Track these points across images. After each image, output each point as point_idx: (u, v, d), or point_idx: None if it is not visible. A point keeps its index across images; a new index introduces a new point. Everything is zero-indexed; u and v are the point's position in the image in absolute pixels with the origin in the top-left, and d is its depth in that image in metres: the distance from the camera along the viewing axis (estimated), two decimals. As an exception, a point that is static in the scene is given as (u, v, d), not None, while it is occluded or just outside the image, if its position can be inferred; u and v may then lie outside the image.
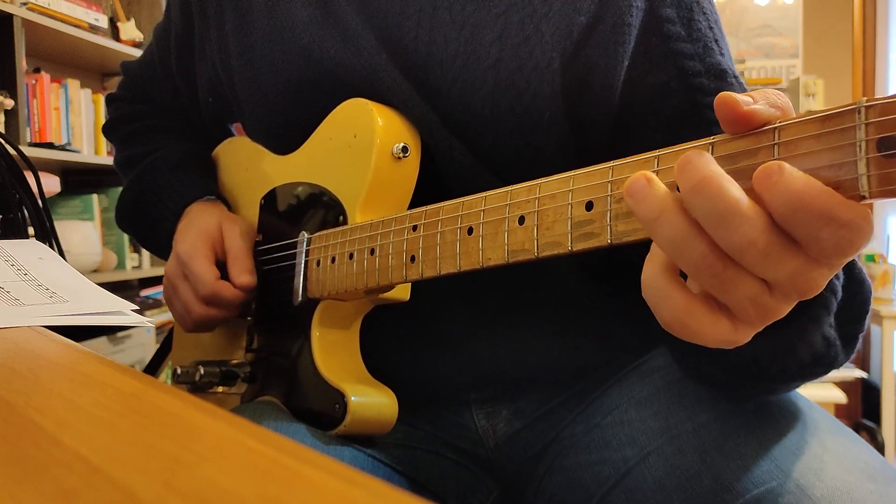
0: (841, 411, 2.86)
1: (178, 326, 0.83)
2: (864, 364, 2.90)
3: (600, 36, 0.57)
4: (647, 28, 0.57)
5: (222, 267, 0.69)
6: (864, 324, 0.48)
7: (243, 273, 0.67)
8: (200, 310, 0.67)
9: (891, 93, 0.32)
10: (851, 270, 0.47)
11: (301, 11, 0.64)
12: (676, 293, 0.35)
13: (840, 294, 0.45)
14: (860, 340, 0.49)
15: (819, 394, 2.44)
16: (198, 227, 0.70)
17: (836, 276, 0.44)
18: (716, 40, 0.57)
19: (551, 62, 0.57)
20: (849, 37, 3.14)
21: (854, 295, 0.47)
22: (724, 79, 0.55)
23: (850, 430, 0.54)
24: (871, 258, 2.68)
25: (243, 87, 0.70)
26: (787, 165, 0.31)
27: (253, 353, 0.70)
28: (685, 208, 0.33)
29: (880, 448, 2.40)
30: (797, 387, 0.54)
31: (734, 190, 0.32)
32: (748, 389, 0.53)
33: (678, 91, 0.56)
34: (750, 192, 0.32)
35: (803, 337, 0.45)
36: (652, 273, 0.36)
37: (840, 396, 2.49)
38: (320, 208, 0.64)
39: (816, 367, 0.48)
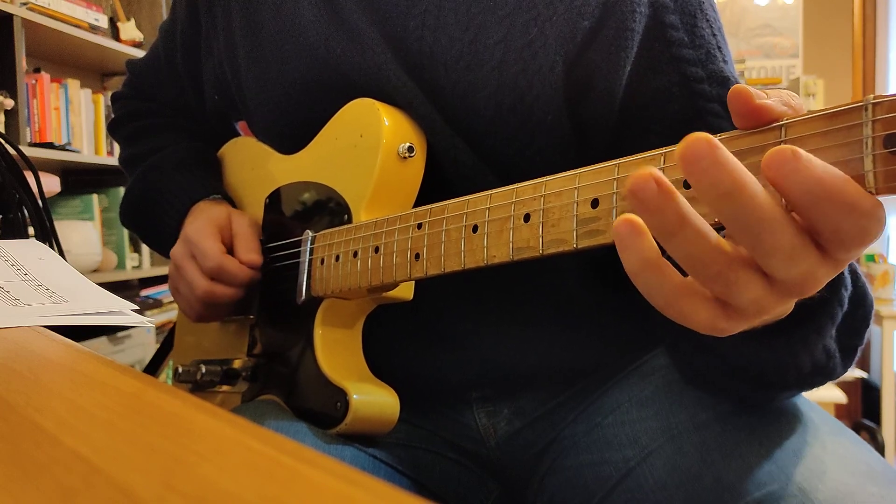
0: (841, 411, 2.86)
1: (182, 324, 0.83)
2: (864, 364, 2.90)
3: (603, 40, 0.57)
4: (650, 33, 0.57)
5: (230, 252, 0.69)
6: (863, 337, 0.48)
7: (250, 251, 0.68)
8: (205, 285, 0.67)
9: (891, 92, 0.31)
10: (856, 282, 0.47)
11: (308, 10, 0.65)
12: (670, 278, 0.33)
13: (846, 306, 0.45)
14: (858, 353, 0.49)
15: (819, 394, 2.44)
16: (206, 214, 0.71)
17: (845, 287, 0.44)
18: (718, 47, 0.57)
19: (554, 65, 0.57)
20: (849, 37, 3.15)
21: (856, 307, 0.47)
22: (726, 85, 0.55)
23: (851, 432, 0.54)
24: (871, 258, 2.68)
25: (250, 86, 0.70)
26: (800, 150, 0.30)
27: (255, 352, 0.70)
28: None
29: (880, 448, 2.40)
30: (793, 395, 0.54)
31: (736, 168, 0.30)
32: (745, 395, 0.53)
33: (680, 97, 0.56)
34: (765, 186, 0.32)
35: (806, 345, 0.45)
36: (639, 258, 0.33)
37: (840, 396, 2.49)
38: (325, 208, 0.64)
39: (814, 378, 0.48)
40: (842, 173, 0.30)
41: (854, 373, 2.57)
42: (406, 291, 0.58)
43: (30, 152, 1.96)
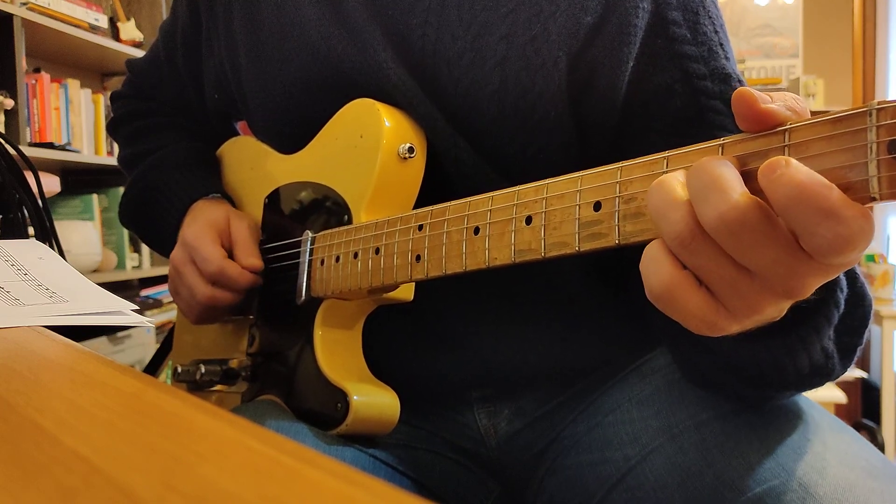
0: (841, 411, 2.86)
1: (181, 323, 0.83)
2: (864, 364, 2.90)
3: (606, 36, 0.57)
4: (652, 30, 0.57)
5: (229, 256, 0.69)
6: (862, 337, 0.48)
7: (250, 257, 0.68)
8: (206, 290, 0.67)
9: (891, 94, 0.31)
10: (854, 283, 0.47)
11: (309, 9, 0.65)
12: (668, 264, 0.35)
13: (843, 307, 0.45)
14: (857, 353, 0.49)
15: (819, 393, 2.43)
16: (205, 217, 0.71)
17: (841, 289, 0.44)
18: (721, 44, 0.57)
19: (557, 61, 0.57)
20: (849, 37, 3.14)
21: (855, 308, 0.47)
22: (728, 82, 0.55)
23: (851, 429, 0.54)
24: (871, 258, 2.68)
25: (250, 85, 0.70)
26: (793, 160, 0.31)
27: (254, 351, 0.70)
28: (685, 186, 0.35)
29: (880, 448, 2.40)
30: (792, 395, 0.54)
31: (724, 169, 0.33)
32: (744, 393, 0.53)
33: (682, 93, 0.56)
34: (760, 193, 0.32)
35: (804, 346, 0.45)
36: (651, 246, 0.36)
37: (840, 396, 2.49)
38: (325, 208, 0.64)
39: (813, 378, 0.48)
40: (825, 180, 0.31)
41: (854, 373, 2.56)
42: (406, 292, 0.58)
43: (30, 152, 1.96)
